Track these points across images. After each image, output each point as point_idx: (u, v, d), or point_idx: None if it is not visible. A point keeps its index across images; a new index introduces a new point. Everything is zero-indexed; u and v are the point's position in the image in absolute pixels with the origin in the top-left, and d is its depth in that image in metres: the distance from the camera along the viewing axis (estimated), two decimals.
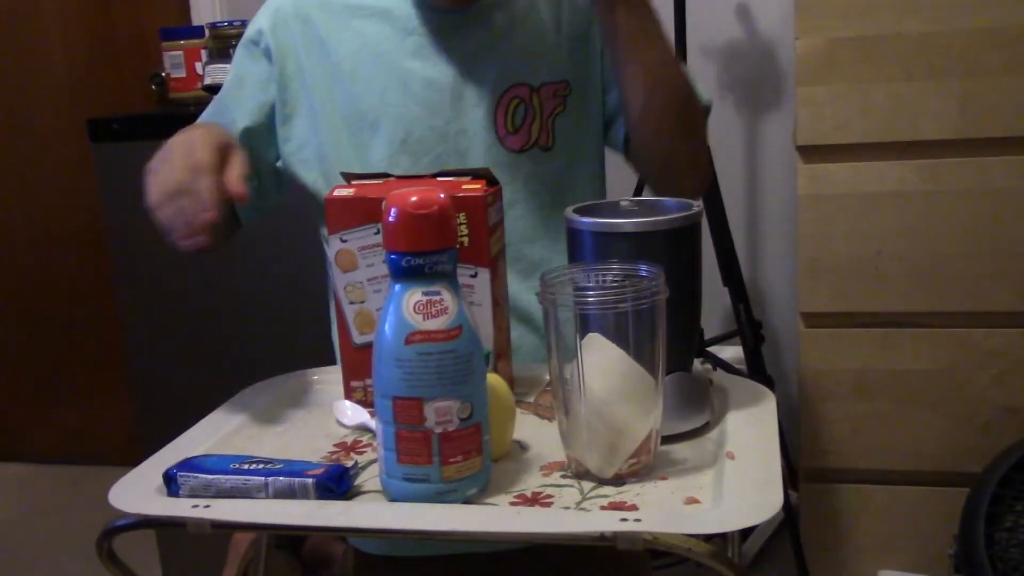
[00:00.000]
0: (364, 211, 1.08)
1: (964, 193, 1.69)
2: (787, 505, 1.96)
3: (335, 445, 1.04)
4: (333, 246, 1.10)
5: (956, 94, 1.66)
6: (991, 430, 1.72)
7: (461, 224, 1.04)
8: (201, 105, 2.12)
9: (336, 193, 1.09)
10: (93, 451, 3.03)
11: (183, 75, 2.09)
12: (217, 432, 1.07)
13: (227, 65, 2.01)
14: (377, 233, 1.09)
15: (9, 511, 2.87)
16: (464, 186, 1.07)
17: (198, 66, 2.07)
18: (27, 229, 3.06)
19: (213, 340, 2.07)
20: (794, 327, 1.89)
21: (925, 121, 1.68)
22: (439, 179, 1.11)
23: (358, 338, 1.12)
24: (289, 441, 1.06)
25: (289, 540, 1.41)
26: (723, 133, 2.36)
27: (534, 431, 1.04)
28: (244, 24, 2.18)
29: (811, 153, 1.73)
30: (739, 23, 2.36)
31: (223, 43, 2.11)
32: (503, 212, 1.13)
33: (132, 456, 1.01)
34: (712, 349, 2.17)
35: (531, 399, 1.13)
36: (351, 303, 1.12)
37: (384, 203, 0.86)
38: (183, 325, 2.09)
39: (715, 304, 2.31)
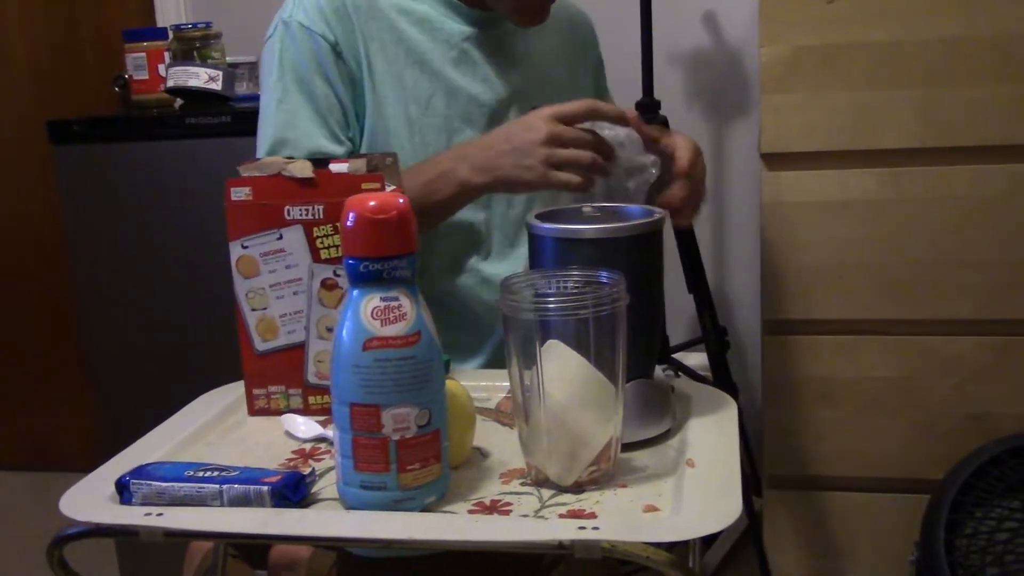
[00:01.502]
0: (265, 217, 1.08)
1: (926, 202, 1.70)
2: (751, 512, 1.97)
3: (293, 452, 1.03)
4: (234, 252, 1.10)
5: (919, 103, 1.67)
6: (953, 437, 1.73)
7: None
8: (163, 107, 2.12)
9: (234, 197, 1.08)
10: (55, 457, 2.99)
11: (146, 77, 2.06)
12: (173, 439, 1.05)
13: (192, 67, 1.99)
14: (279, 239, 1.08)
15: None
16: (364, 185, 1.05)
17: (161, 68, 2.04)
18: None
19: (175, 344, 2.05)
20: (759, 334, 1.89)
21: (888, 130, 1.69)
22: (333, 171, 1.09)
23: (261, 345, 1.12)
24: (247, 448, 1.05)
25: (248, 548, 1.39)
26: None
27: (495, 438, 1.03)
28: (208, 26, 2.16)
29: (775, 161, 1.74)
30: (706, 30, 2.37)
31: (187, 45, 2.09)
32: None
33: (94, 462, 1.00)
34: (677, 356, 2.17)
35: (492, 405, 1.13)
36: (253, 310, 1.11)
37: (344, 207, 0.86)
38: (145, 328, 2.06)
39: (681, 311, 2.32)
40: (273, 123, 1.31)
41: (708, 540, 2.28)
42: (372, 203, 0.84)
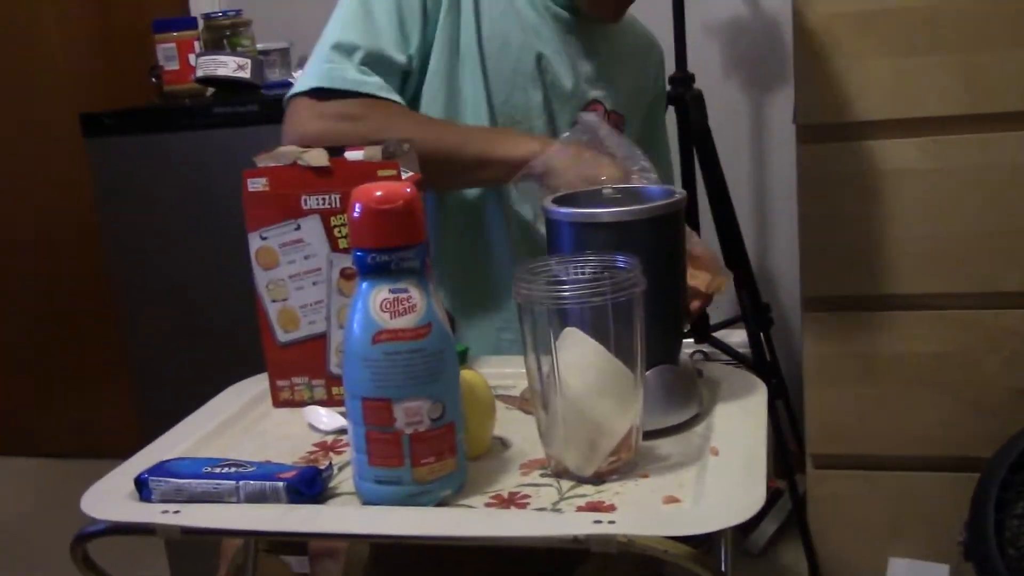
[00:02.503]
0: (282, 207, 1.08)
1: (971, 170, 1.64)
2: (795, 492, 1.93)
3: (315, 445, 1.03)
4: (253, 244, 1.09)
5: (961, 68, 1.61)
6: (1001, 414, 1.68)
7: None
8: (195, 97, 2.12)
9: (251, 188, 1.07)
10: (100, 445, 3.02)
11: (176, 67, 2.07)
12: (196, 433, 1.05)
13: (220, 56, 1.99)
14: (297, 229, 1.07)
15: (21, 504, 2.88)
16: (379, 172, 1.03)
17: (191, 58, 2.04)
18: (29, 225, 3.05)
19: (212, 332, 2.05)
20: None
21: (929, 97, 1.63)
22: (348, 159, 1.07)
23: (283, 336, 1.11)
24: (269, 441, 1.05)
25: (281, 542, 1.39)
26: (728, 112, 2.32)
27: (518, 427, 1.02)
28: (238, 14, 2.16)
29: (812, 133, 1.69)
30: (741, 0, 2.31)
31: (217, 34, 2.08)
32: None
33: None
34: (719, 334, 2.13)
35: (517, 393, 1.11)
36: (273, 301, 1.11)
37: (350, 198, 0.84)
38: (181, 317, 2.07)
39: (726, 288, 2.27)
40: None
41: (756, 520, 2.25)
42: (378, 193, 0.83)
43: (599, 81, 1.40)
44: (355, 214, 0.83)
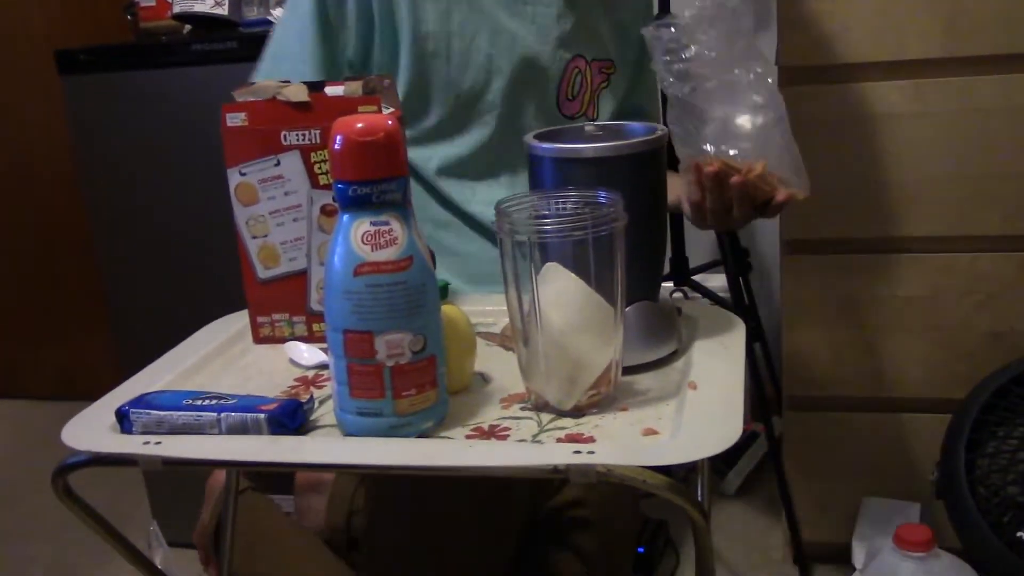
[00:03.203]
0: (262, 142, 1.07)
1: (951, 114, 1.65)
2: (771, 433, 1.96)
3: (296, 379, 1.03)
4: (232, 179, 1.08)
5: (942, 11, 1.61)
6: (976, 356, 1.70)
7: None
8: (172, 34, 2.08)
9: (230, 123, 1.06)
10: (84, 387, 3.02)
11: (153, 4, 2.03)
12: (177, 368, 1.05)
13: None
14: (277, 165, 1.06)
15: (5, 447, 2.89)
16: (360, 108, 1.02)
17: None
18: (5, 165, 3.01)
19: (191, 271, 2.04)
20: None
21: (910, 40, 1.63)
22: (328, 94, 1.06)
23: (263, 272, 1.11)
24: (250, 376, 1.05)
25: (271, 475, 1.40)
26: None
27: (498, 363, 1.02)
28: None
29: (793, 75, 1.68)
30: None
31: None
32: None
33: None
34: (698, 277, 2.14)
35: (497, 330, 1.11)
36: (254, 237, 1.10)
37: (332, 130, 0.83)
38: (161, 255, 2.06)
39: (704, 232, 2.28)
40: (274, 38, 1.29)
41: (729, 462, 2.28)
42: (359, 125, 0.82)
43: (576, 35, 1.36)
44: (336, 146, 0.82)
